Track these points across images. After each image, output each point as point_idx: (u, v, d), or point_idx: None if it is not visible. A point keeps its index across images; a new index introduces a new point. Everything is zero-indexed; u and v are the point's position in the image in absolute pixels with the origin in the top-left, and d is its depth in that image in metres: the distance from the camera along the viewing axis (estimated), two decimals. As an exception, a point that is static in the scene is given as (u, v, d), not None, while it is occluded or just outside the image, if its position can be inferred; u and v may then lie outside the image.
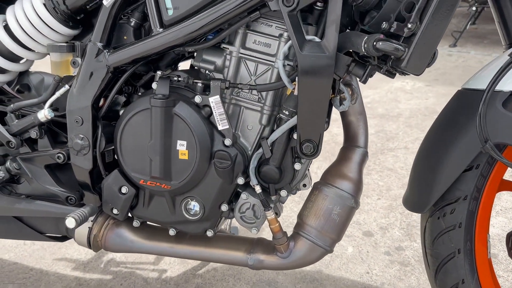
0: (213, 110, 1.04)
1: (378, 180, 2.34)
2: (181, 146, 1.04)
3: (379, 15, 0.89)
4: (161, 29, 0.99)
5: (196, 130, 1.02)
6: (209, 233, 1.12)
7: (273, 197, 1.11)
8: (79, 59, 1.07)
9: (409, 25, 0.83)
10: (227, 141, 1.04)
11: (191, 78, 1.06)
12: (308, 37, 0.93)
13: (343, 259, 1.74)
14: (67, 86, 1.10)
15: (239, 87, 1.03)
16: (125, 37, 1.10)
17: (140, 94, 1.12)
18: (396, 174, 2.39)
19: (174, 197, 1.10)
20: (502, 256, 1.75)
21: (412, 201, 1.11)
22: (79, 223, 1.02)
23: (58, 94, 1.10)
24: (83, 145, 1.07)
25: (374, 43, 0.84)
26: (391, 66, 0.89)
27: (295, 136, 1.05)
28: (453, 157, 1.00)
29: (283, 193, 1.11)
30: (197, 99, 1.04)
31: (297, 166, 1.08)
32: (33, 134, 1.09)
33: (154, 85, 1.06)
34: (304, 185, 1.17)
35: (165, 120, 1.01)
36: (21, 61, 1.21)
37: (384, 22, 0.88)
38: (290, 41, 0.96)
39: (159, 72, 1.08)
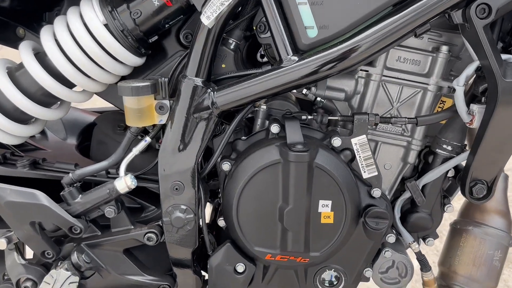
0: (356, 154, 0.80)
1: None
2: (325, 208, 0.78)
3: None
4: (296, 57, 0.72)
5: (343, 184, 0.77)
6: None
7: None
8: (167, 102, 0.77)
9: None
10: (376, 192, 0.81)
11: (325, 116, 0.80)
12: (503, 57, 0.71)
13: None
14: (148, 139, 0.79)
15: (393, 122, 0.79)
16: (223, 65, 0.81)
17: (244, 138, 0.83)
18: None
19: (307, 269, 0.85)
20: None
21: None
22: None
23: (136, 151, 0.79)
24: (187, 219, 0.77)
25: None
26: None
27: (449, 173, 0.85)
28: None
29: (430, 242, 0.91)
30: (336, 142, 0.79)
31: (449, 209, 0.89)
32: (109, 211, 0.77)
33: (275, 129, 0.79)
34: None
35: (307, 178, 0.75)
36: (54, 106, 0.86)
37: None
38: (475, 63, 0.73)
39: (263, 106, 0.82)
